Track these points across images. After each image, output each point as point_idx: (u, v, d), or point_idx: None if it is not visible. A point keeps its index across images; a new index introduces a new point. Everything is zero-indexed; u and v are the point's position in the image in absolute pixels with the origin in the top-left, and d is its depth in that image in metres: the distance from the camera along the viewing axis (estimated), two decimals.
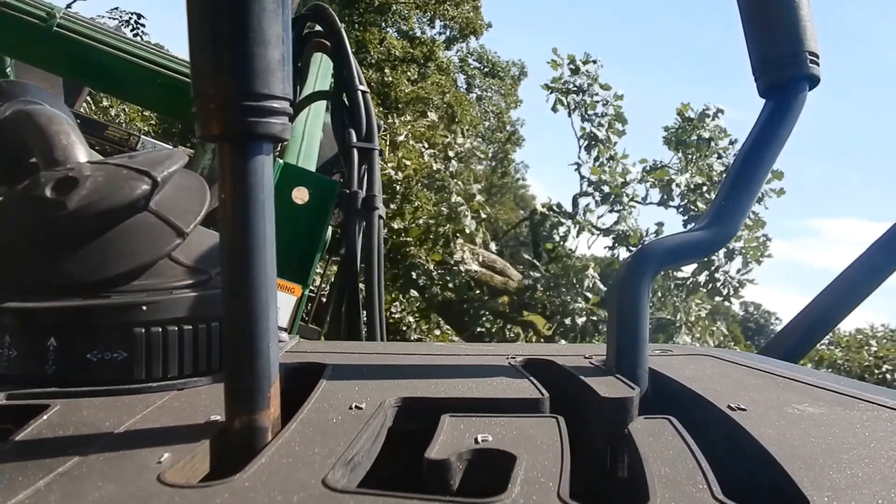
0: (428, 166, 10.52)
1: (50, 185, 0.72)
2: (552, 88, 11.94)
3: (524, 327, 11.70)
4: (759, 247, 11.24)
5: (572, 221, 11.73)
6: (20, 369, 0.66)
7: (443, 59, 18.87)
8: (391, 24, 18.27)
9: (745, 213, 0.72)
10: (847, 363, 13.53)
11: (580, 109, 11.89)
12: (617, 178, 11.59)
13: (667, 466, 0.49)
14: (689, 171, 11.69)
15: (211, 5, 0.49)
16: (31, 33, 2.48)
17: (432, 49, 18.28)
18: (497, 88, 21.32)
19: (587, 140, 11.79)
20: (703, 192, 11.49)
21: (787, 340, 1.18)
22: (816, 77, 0.73)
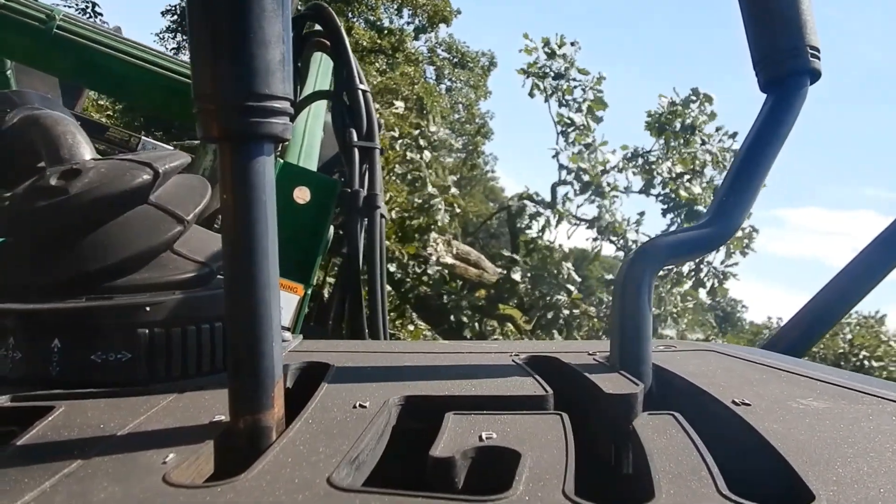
0: (400, 156, 10.36)
1: (55, 176, 0.73)
2: (528, 73, 11.55)
3: (500, 321, 11.48)
4: (745, 237, 11.22)
5: (551, 211, 11.44)
6: (24, 371, 0.67)
7: (411, 49, 18.66)
8: (358, 14, 18.04)
9: (746, 208, 0.72)
10: (823, 350, 13.53)
11: (557, 94, 11.50)
12: (597, 167, 11.28)
13: (671, 462, 0.49)
14: (670, 158, 11.45)
15: (211, 6, 0.49)
16: (31, 36, 2.49)
17: (401, 39, 18.03)
18: (466, 79, 21.11)
19: (564, 126, 11.40)
20: (684, 181, 11.31)
21: (789, 335, 1.18)
22: (817, 71, 0.72)
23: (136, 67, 2.66)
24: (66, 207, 0.70)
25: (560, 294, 10.68)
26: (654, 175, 11.47)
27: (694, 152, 11.35)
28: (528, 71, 11.52)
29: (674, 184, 11.41)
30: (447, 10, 19.21)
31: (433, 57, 20.44)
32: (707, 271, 11.22)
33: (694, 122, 11.31)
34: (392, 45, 17.70)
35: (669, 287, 11.21)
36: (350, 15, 17.48)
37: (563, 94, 11.39)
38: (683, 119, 11.41)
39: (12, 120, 0.88)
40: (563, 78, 11.41)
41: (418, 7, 18.78)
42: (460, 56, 20.91)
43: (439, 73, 20.57)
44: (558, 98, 11.46)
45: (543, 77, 11.45)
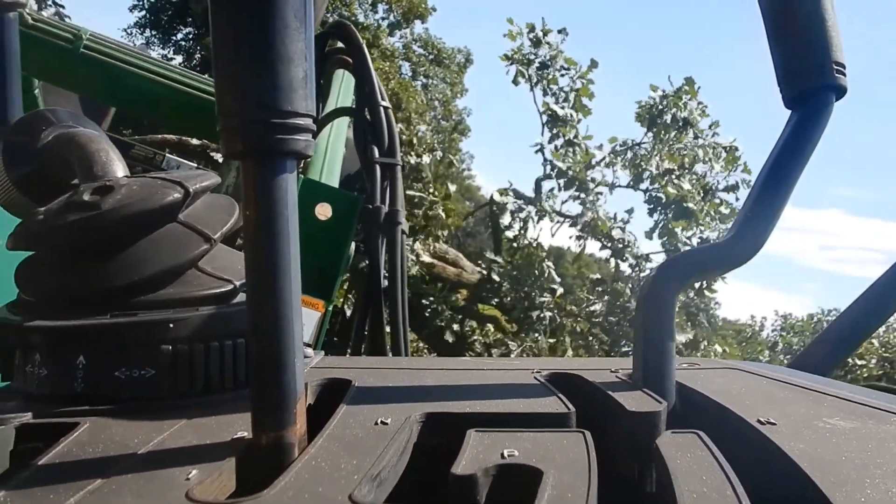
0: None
1: (88, 192, 0.74)
2: (512, 59, 11.04)
3: (481, 321, 11.13)
4: None
5: (535, 207, 11.07)
6: (50, 387, 0.67)
7: (387, 45, 18.46)
8: (332, 9, 17.79)
9: (772, 225, 0.72)
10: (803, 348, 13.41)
11: (542, 83, 11.02)
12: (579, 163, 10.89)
13: (696, 482, 0.48)
14: (658, 153, 11.07)
15: (235, 24, 0.50)
16: (58, 55, 2.53)
17: (376, 34, 17.84)
18: (443, 76, 20.97)
19: (549, 118, 10.95)
20: (672, 178, 10.88)
21: (816, 353, 1.17)
22: (843, 87, 0.72)
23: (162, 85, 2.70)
24: (98, 223, 0.71)
25: (544, 295, 10.48)
26: (642, 170, 11.10)
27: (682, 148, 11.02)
28: (512, 57, 11.05)
29: (661, 179, 11.01)
30: (422, 6, 19.09)
31: (409, 53, 20.35)
32: None
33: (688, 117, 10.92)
34: (367, 41, 17.66)
35: None
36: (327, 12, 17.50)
37: (549, 83, 10.95)
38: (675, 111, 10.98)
39: (48, 137, 0.89)
40: (549, 67, 10.96)
41: (393, 3, 18.70)
42: (436, 53, 20.77)
43: (415, 70, 20.46)
44: (543, 87, 11.03)
45: (528, 64, 11.01)
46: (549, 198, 11.26)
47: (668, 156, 10.99)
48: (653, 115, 11.02)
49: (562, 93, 10.90)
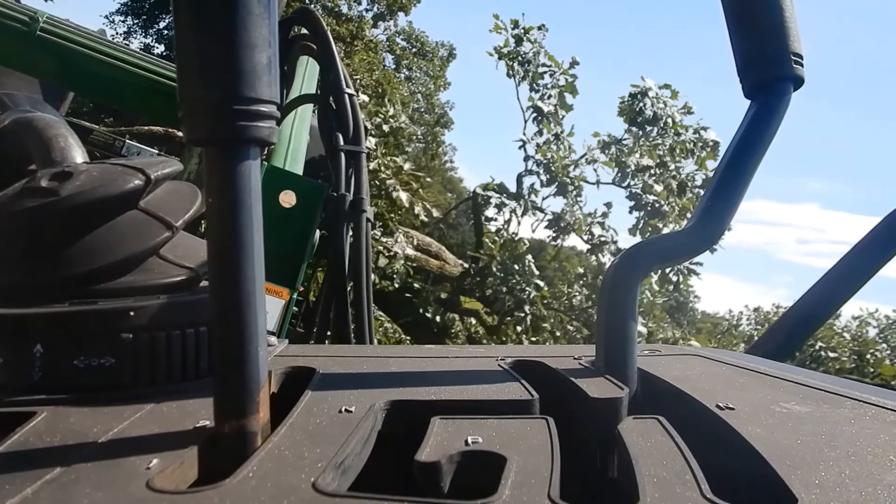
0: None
1: (46, 178, 0.72)
2: (500, 54, 11.50)
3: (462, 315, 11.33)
4: None
5: (517, 202, 11.37)
6: (6, 376, 0.66)
7: (370, 37, 18.62)
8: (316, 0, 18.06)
9: (731, 213, 0.73)
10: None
11: (528, 79, 11.48)
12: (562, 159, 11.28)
13: (656, 466, 0.49)
14: (637, 150, 11.48)
15: (197, 9, 0.49)
16: (14, 38, 2.47)
17: (360, 26, 18.00)
18: (426, 70, 21.07)
19: (534, 114, 11.36)
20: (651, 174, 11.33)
21: (773, 339, 1.19)
22: (801, 78, 0.73)
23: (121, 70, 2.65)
24: (56, 209, 0.70)
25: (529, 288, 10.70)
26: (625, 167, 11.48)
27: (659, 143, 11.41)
28: (500, 52, 11.47)
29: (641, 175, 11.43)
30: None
31: (392, 45, 20.35)
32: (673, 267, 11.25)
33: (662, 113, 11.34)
34: (350, 33, 17.61)
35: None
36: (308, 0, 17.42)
37: (534, 79, 11.34)
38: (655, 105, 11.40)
39: (3, 122, 0.87)
40: (531, 63, 11.33)
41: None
42: (420, 45, 20.81)
43: (398, 62, 20.48)
44: (529, 83, 11.43)
45: (514, 58, 11.41)
46: (531, 193, 11.53)
47: (646, 152, 11.35)
48: (633, 111, 11.39)
49: (545, 90, 11.21)
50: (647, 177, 11.43)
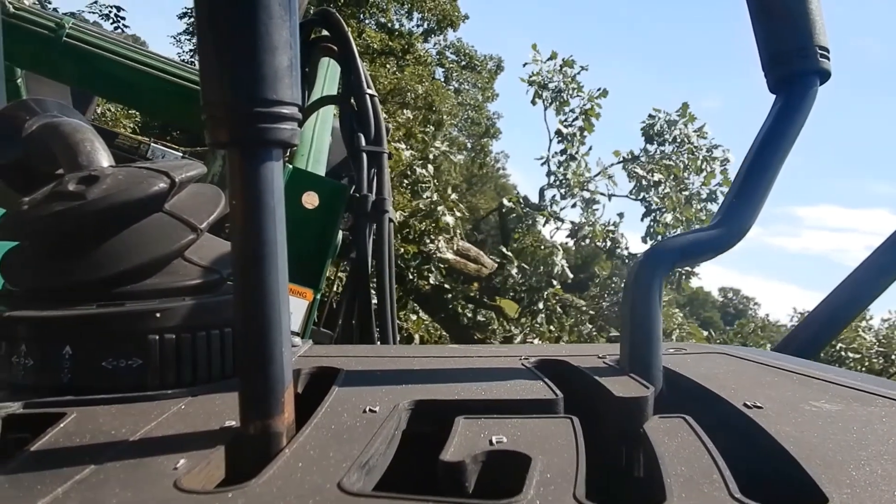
0: (407, 164, 11.03)
1: (73, 182, 0.73)
2: (532, 82, 12.85)
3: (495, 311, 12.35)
4: None
5: (539, 213, 12.50)
6: (36, 378, 0.67)
7: (421, 51, 18.97)
8: (369, 16, 18.34)
9: (757, 209, 0.72)
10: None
11: (556, 104, 12.75)
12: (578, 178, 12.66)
13: (683, 465, 0.49)
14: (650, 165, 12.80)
15: (219, 13, 0.50)
16: (41, 44, 2.51)
17: (410, 41, 18.32)
18: (474, 82, 21.28)
19: (558, 136, 12.69)
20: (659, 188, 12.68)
21: (800, 337, 1.18)
22: (827, 71, 0.72)
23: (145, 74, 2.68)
24: (83, 212, 0.71)
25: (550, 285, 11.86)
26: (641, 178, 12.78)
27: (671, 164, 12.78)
28: (531, 80, 12.76)
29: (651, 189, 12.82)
30: (455, 14, 19.70)
31: (442, 59, 20.59)
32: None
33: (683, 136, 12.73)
34: (402, 48, 17.91)
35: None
36: (361, 17, 17.72)
37: (561, 105, 12.93)
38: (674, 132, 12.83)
39: (31, 127, 0.88)
40: (563, 92, 12.70)
41: (427, 10, 18.98)
42: (468, 59, 21.05)
43: (447, 76, 20.75)
44: (556, 108, 12.77)
45: (544, 87, 12.91)
46: (553, 204, 12.88)
47: (657, 168, 12.68)
48: (651, 133, 13.08)
49: (571, 113, 12.72)
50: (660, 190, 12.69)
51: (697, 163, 12.80)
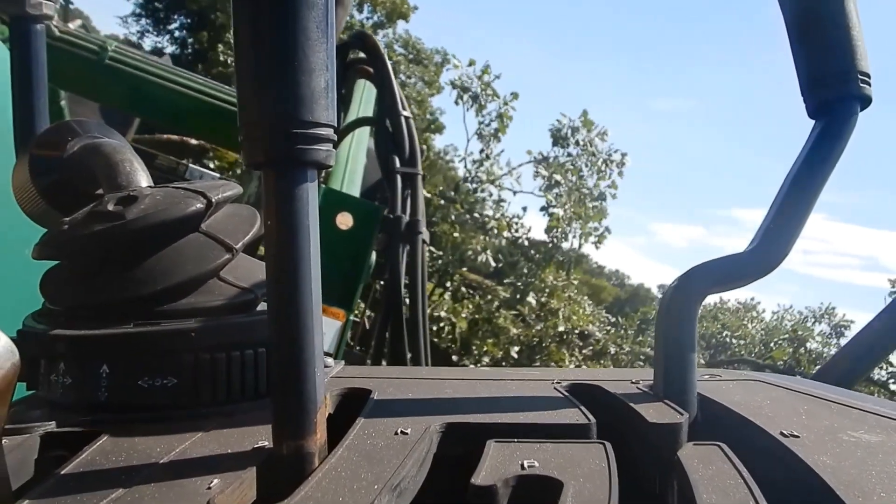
0: None
1: (112, 202, 0.74)
2: (455, 85, 15.03)
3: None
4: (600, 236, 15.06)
5: (452, 205, 14.54)
6: (74, 396, 0.68)
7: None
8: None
9: (795, 235, 0.71)
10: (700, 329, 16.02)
11: (475, 107, 14.93)
12: (490, 176, 14.94)
13: (718, 494, 0.48)
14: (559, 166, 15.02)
15: (257, 35, 0.50)
16: (84, 67, 2.56)
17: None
18: (421, 75, 21.28)
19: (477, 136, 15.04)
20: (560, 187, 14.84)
21: (839, 366, 1.16)
22: (868, 97, 0.71)
23: (185, 96, 2.72)
24: (122, 232, 0.72)
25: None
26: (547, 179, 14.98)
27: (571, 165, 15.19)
28: (454, 84, 15.02)
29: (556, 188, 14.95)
30: (405, 6, 20.21)
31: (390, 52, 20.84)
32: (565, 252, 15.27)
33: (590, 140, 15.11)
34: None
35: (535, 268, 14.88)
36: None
37: (479, 108, 14.95)
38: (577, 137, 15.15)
39: (73, 148, 0.90)
40: (479, 98, 14.88)
41: (377, 3, 19.71)
42: (416, 52, 21.10)
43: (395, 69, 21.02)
44: (475, 110, 14.96)
45: (465, 90, 14.94)
46: (467, 197, 14.94)
47: (558, 168, 15.02)
48: (558, 136, 15.31)
49: (487, 116, 15.00)
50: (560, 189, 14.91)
51: (599, 164, 15.13)
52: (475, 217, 14.36)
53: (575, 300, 14.69)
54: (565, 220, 14.64)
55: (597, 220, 14.93)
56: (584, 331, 14.56)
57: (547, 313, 13.80)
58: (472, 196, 14.63)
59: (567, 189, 14.77)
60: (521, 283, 14.19)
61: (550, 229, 14.82)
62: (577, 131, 15.07)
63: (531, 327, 13.83)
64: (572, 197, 14.73)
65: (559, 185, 14.75)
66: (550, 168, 14.92)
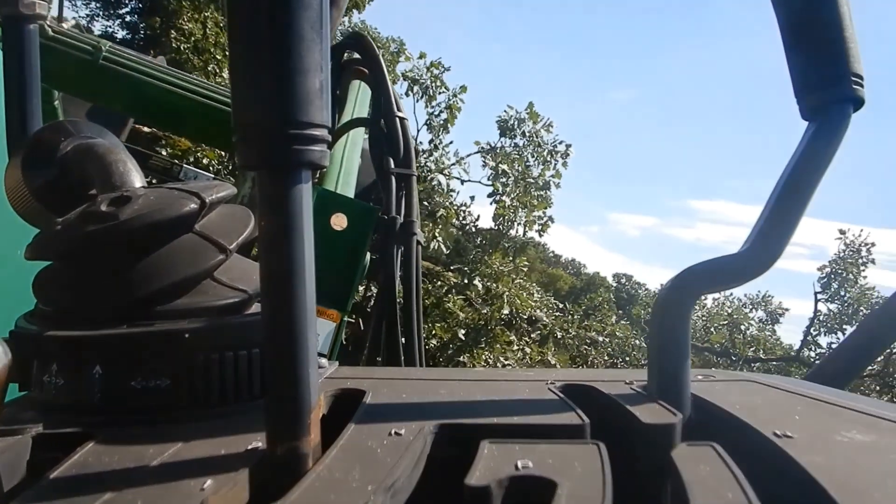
0: None
1: (105, 202, 0.74)
2: (406, 77, 15.46)
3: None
4: (543, 225, 15.48)
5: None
6: (67, 397, 0.67)
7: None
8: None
9: (788, 236, 0.71)
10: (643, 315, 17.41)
11: (424, 99, 15.52)
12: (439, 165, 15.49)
13: (711, 494, 0.48)
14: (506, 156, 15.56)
15: (251, 35, 0.50)
16: (78, 67, 2.56)
17: None
18: None
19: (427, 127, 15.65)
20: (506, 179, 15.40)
21: (832, 366, 1.16)
22: (861, 99, 0.71)
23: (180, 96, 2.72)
24: (115, 232, 0.72)
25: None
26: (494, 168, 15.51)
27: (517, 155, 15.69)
28: (405, 75, 15.38)
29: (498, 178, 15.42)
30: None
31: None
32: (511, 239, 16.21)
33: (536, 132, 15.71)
34: None
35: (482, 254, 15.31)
36: None
37: (430, 100, 15.50)
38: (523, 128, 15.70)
39: (66, 148, 0.90)
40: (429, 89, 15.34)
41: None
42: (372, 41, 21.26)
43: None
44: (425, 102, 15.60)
45: (416, 82, 15.39)
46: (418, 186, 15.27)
47: (504, 158, 15.55)
48: (505, 127, 15.83)
49: (437, 107, 15.60)
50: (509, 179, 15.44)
51: (544, 155, 15.75)
52: (424, 205, 14.70)
53: (524, 286, 15.22)
54: (512, 208, 15.45)
55: (541, 209, 15.49)
56: (532, 316, 15.01)
57: (493, 298, 14.21)
58: (421, 185, 15.15)
59: (513, 178, 15.50)
60: (468, 269, 14.66)
61: (498, 217, 15.55)
62: (523, 122, 15.77)
63: (478, 311, 14.03)
64: (518, 186, 15.51)
65: (506, 174, 15.45)
66: (497, 158, 15.62)
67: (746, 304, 21.74)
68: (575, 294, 27.64)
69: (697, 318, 20.82)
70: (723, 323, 21.03)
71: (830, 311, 19.12)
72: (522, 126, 15.66)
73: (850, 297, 18.82)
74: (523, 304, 14.65)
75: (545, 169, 15.74)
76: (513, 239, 15.72)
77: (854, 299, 18.66)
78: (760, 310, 21.68)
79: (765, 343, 20.65)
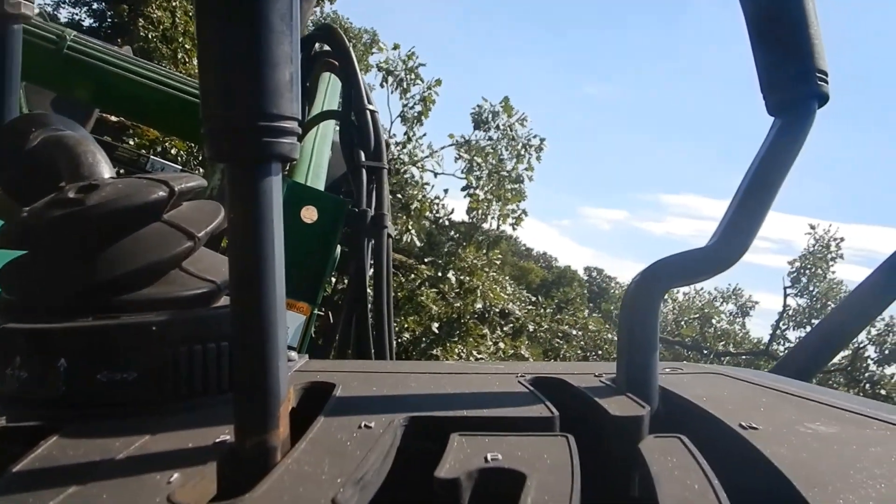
0: None
1: (73, 190, 0.73)
2: (380, 68, 15.25)
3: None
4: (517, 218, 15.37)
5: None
6: (31, 390, 0.66)
7: None
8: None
9: (755, 230, 0.72)
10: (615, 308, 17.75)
11: (399, 90, 15.26)
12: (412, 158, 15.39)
13: (678, 485, 0.48)
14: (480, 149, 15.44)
15: (220, 27, 0.50)
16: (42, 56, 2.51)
17: None
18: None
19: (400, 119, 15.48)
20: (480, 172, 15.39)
21: (798, 359, 1.18)
22: (826, 95, 0.73)
23: (147, 87, 2.68)
24: (81, 218, 0.71)
25: None
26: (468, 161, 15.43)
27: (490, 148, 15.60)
28: (379, 67, 15.20)
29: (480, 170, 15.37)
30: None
31: None
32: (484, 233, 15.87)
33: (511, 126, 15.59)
34: None
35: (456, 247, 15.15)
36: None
37: (404, 92, 15.25)
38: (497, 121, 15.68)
39: (34, 140, 0.89)
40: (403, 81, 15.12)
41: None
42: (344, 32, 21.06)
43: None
44: (400, 93, 15.34)
45: (390, 73, 15.12)
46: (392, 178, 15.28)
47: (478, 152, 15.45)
48: (479, 120, 15.71)
49: (412, 99, 15.36)
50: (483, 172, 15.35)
51: (518, 148, 15.60)
52: (398, 198, 14.70)
53: (497, 280, 15.34)
54: (485, 201, 15.35)
55: (515, 203, 15.50)
56: (504, 309, 15.07)
57: (466, 291, 14.27)
58: (395, 177, 15.09)
59: (487, 172, 15.47)
60: (442, 262, 14.68)
61: (471, 210, 15.47)
62: (497, 116, 15.66)
63: (451, 304, 14.06)
64: (492, 180, 15.47)
65: (480, 167, 15.42)
66: (471, 151, 15.54)
67: (717, 298, 22.14)
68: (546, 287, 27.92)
69: (668, 311, 21.19)
70: (694, 316, 21.39)
71: (799, 306, 19.41)
72: (497, 119, 15.70)
73: (818, 291, 19.12)
74: (496, 298, 14.71)
75: (518, 162, 15.82)
76: (486, 232, 15.71)
77: (822, 294, 18.94)
78: (731, 303, 22.08)
79: (735, 337, 21.00)
